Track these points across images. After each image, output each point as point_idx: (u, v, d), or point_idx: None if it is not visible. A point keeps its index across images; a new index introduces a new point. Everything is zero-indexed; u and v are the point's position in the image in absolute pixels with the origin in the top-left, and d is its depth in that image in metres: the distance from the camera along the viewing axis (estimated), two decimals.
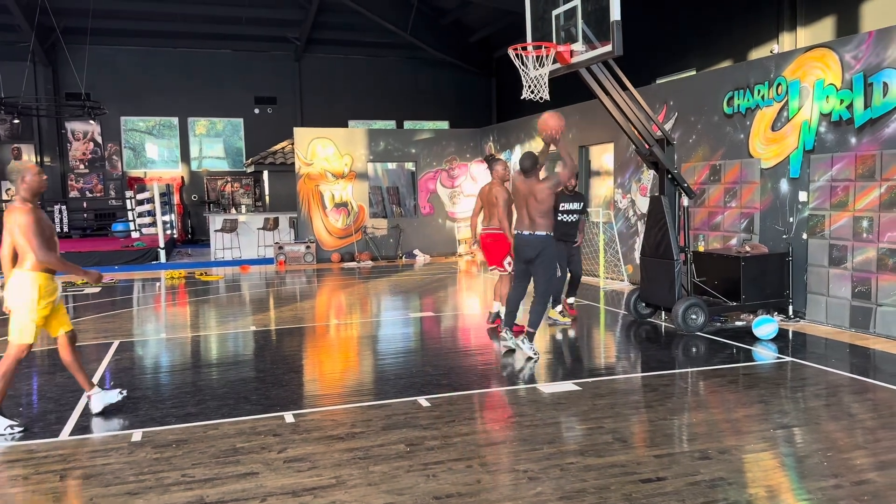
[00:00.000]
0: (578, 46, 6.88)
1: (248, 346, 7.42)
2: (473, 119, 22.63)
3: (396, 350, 7.08)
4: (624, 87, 7.38)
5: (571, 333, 7.77)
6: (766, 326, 7.04)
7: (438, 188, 17.18)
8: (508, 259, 7.46)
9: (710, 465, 3.85)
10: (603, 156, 12.78)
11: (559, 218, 7.96)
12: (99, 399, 4.96)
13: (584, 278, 11.82)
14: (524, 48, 7.14)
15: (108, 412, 5.00)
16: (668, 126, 10.16)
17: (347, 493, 3.59)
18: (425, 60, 23.48)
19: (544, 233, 6.45)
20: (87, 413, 5.00)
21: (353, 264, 15.61)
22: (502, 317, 7.58)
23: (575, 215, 8.25)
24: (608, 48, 6.52)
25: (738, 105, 8.99)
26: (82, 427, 4.72)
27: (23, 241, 4.56)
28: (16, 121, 20.26)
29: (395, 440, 4.34)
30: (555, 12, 7.13)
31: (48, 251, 4.59)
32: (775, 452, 4.08)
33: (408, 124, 23.79)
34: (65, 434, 4.58)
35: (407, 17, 21.18)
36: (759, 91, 8.65)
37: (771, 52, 12.23)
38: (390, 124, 23.77)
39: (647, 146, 7.61)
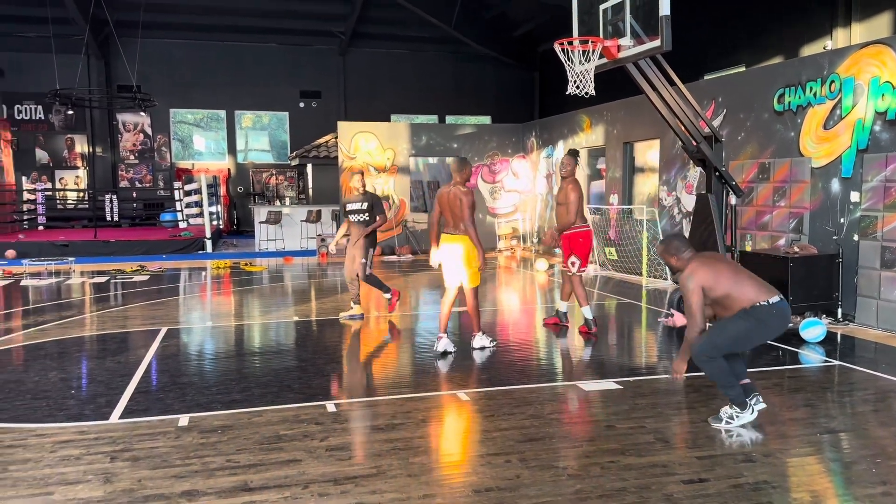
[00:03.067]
0: (626, 41, 6.80)
1: (291, 335, 7.54)
2: (515, 114, 22.52)
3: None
4: (671, 83, 7.28)
5: (613, 332, 7.70)
6: (813, 329, 6.88)
7: (479, 183, 17.17)
8: (573, 258, 7.39)
9: (754, 468, 3.79)
10: (648, 152, 12.61)
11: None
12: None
13: (626, 276, 11.74)
14: (570, 43, 7.08)
15: (155, 397, 5.15)
16: (716, 123, 9.98)
17: (387, 483, 3.63)
18: (468, 55, 23.45)
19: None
20: (136, 397, 5.16)
21: (392, 258, 15.72)
22: (564, 315, 7.60)
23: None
24: (656, 43, 6.43)
25: (789, 102, 8.78)
26: (131, 410, 4.86)
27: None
28: (70, 112, 20.88)
29: (435, 433, 4.38)
30: (602, 7, 7.06)
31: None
32: (821, 457, 4.00)
33: (450, 119, 23.81)
34: (115, 417, 4.73)
35: (451, 11, 21.16)
36: (811, 88, 8.43)
37: (824, 48, 11.90)
38: (432, 119, 23.82)
39: (694, 143, 7.49)
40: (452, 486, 3.60)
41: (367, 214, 8.20)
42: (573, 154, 7.45)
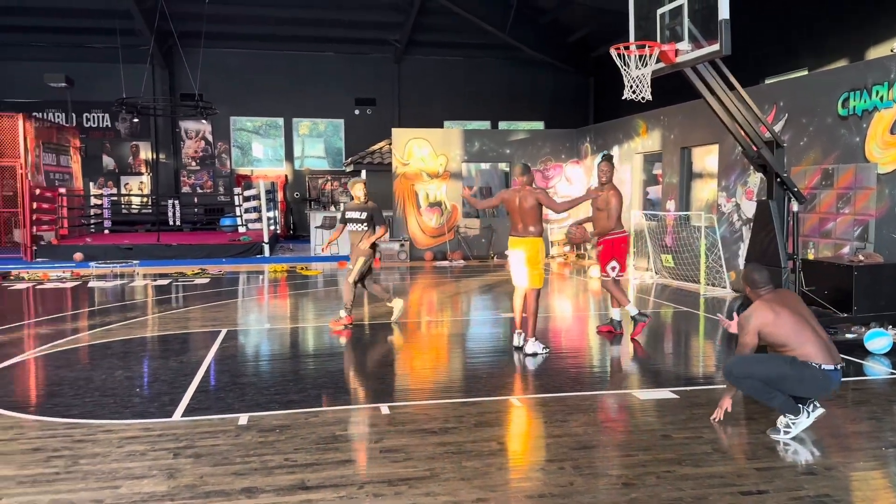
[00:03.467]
0: (684, 45, 6.70)
1: (344, 338, 7.66)
2: (569, 119, 22.37)
3: (487, 349, 7.14)
4: (731, 87, 7.13)
5: (669, 341, 7.58)
6: (878, 340, 6.64)
7: None
8: (613, 263, 7.36)
9: (816, 482, 3.69)
10: (706, 157, 12.37)
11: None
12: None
13: (684, 284, 11.53)
14: (626, 47, 7.02)
15: (216, 396, 5.31)
16: (777, 128, 9.73)
17: (440, 485, 3.66)
18: (522, 60, 23.43)
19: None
20: (197, 396, 5.33)
21: (445, 263, 15.79)
22: (618, 323, 7.57)
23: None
24: (715, 47, 6.32)
25: (854, 107, 8.51)
26: (193, 409, 5.02)
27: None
28: (135, 120, 21.66)
29: (488, 437, 4.39)
30: (659, 11, 6.98)
31: None
32: (886, 472, 3.86)
33: (503, 124, 23.81)
34: (177, 415, 4.89)
35: (505, 17, 21.18)
36: (877, 92, 8.15)
37: (892, 50, 11.47)
38: (485, 125, 23.86)
39: (754, 148, 7.32)
40: (505, 491, 3.61)
41: (364, 224, 8.11)
42: (609, 159, 7.51)
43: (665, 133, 13.08)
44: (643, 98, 6.98)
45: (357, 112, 23.60)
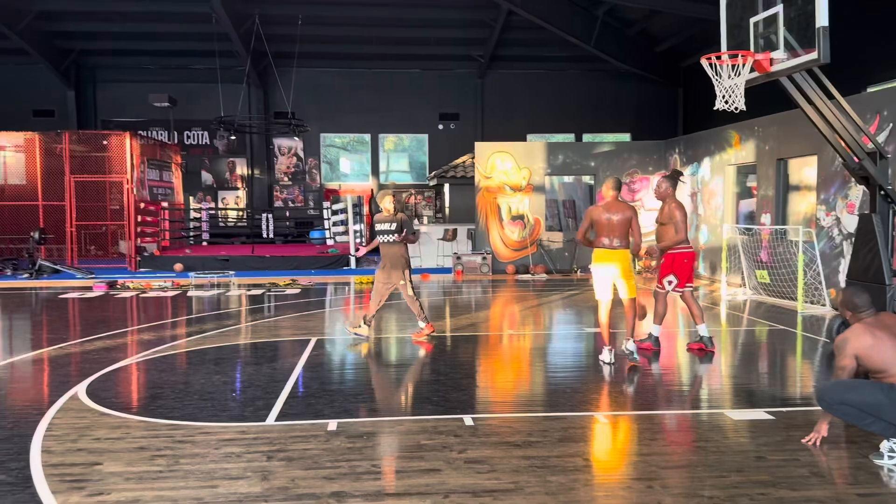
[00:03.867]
0: (779, 54, 6.49)
1: (426, 350, 7.75)
2: (657, 131, 21.91)
3: (571, 364, 7.07)
4: (830, 97, 6.84)
5: (764, 360, 7.29)
6: None
7: None
8: (671, 278, 7.33)
9: None
10: (804, 169, 11.85)
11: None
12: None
13: (780, 301, 11.04)
14: (718, 57, 6.85)
15: (306, 402, 5.49)
16: (881, 138, 9.23)
17: (525, 499, 3.66)
18: (607, 72, 23.15)
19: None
20: (289, 401, 5.52)
21: (527, 276, 15.72)
22: (710, 340, 7.44)
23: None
24: (813, 55, 6.08)
25: None
26: (286, 413, 5.21)
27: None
28: (232, 137, 22.68)
29: (573, 453, 4.35)
30: (753, 20, 6.78)
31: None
32: None
33: (587, 137, 23.56)
34: (271, 419, 5.08)
35: (591, 29, 21.00)
36: None
37: None
38: (569, 137, 23.68)
39: (856, 160, 6.98)
40: None
41: (394, 235, 8.15)
42: (673, 176, 7.43)
43: (760, 144, 12.62)
44: (736, 108, 6.79)
45: (441, 127, 23.92)
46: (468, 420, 5.00)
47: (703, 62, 6.90)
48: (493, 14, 20.15)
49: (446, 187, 20.65)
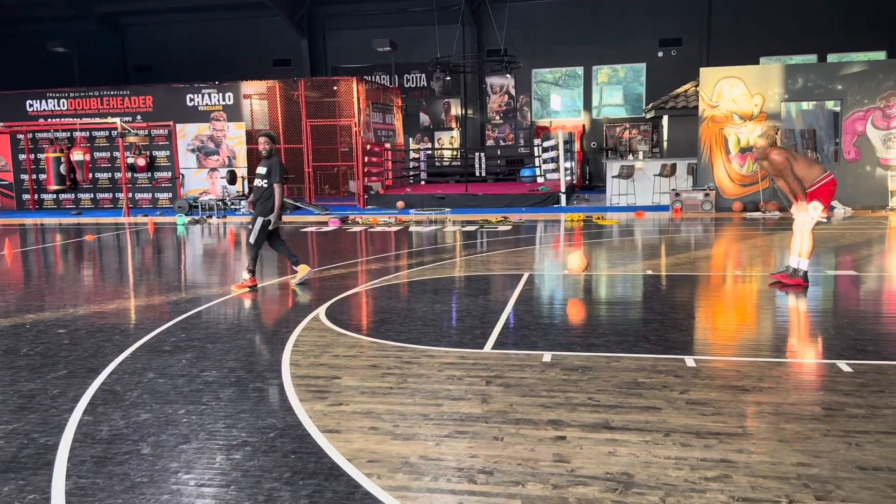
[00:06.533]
0: None
1: (641, 289, 7.50)
2: None
3: (806, 308, 6.44)
4: None
5: None
6: None
7: (868, 130, 14.79)
8: (815, 203, 7.18)
9: None
10: None
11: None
12: None
13: None
14: None
15: (520, 333, 5.59)
16: None
17: (755, 444, 3.43)
18: None
19: None
20: (504, 332, 5.66)
21: (757, 214, 14.50)
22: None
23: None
24: None
25: None
26: (501, 343, 5.36)
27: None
28: (447, 78, 23.27)
29: (810, 401, 3.99)
30: None
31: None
32: None
33: (832, 57, 20.83)
34: (488, 347, 5.26)
35: None
36: None
37: None
38: (811, 58, 21.10)
39: None
40: (833, 458, 3.26)
41: (265, 180, 7.64)
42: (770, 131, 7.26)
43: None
44: None
45: (661, 54, 22.51)
46: (690, 361, 4.78)
47: None
48: None
49: (664, 119, 19.51)
